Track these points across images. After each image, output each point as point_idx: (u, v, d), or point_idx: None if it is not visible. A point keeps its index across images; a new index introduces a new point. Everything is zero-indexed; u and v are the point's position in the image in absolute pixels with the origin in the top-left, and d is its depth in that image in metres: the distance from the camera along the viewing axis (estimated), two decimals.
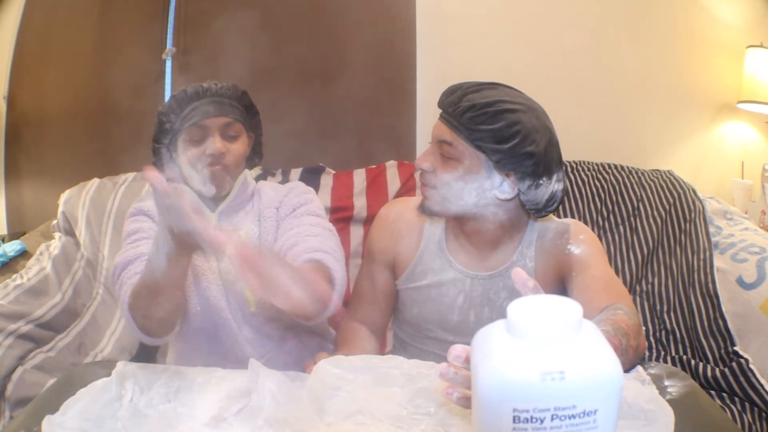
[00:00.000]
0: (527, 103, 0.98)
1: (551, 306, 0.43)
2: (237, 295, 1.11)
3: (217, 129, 1.10)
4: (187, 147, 1.10)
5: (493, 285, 1.06)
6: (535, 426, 0.40)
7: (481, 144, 0.94)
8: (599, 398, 0.41)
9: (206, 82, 1.12)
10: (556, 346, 0.41)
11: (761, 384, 1.26)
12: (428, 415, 0.71)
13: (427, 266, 1.08)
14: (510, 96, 0.97)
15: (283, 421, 0.69)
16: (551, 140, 0.97)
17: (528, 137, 0.93)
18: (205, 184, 1.11)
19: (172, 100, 1.10)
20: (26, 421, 0.70)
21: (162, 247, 0.83)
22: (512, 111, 0.94)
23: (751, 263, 1.48)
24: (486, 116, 0.93)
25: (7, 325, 1.39)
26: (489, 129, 0.93)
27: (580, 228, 1.06)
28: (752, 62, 1.99)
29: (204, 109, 1.09)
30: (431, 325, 1.10)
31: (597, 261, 1.00)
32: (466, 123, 0.94)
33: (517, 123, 0.93)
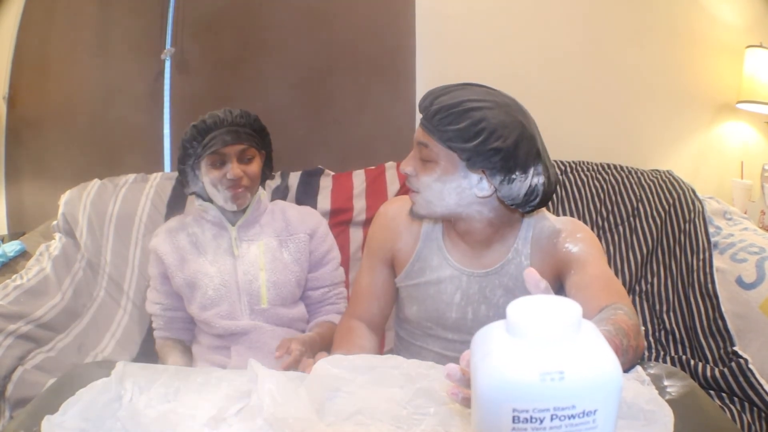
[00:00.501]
0: (497, 99, 0.96)
1: (551, 306, 0.43)
2: (253, 292, 1.32)
3: (235, 155, 1.29)
4: (209, 170, 1.30)
5: (489, 282, 1.06)
6: (534, 426, 0.40)
7: (452, 144, 0.95)
8: (599, 398, 0.41)
9: (221, 111, 1.29)
10: (555, 346, 0.41)
11: (760, 384, 1.26)
12: (428, 415, 0.71)
13: (425, 263, 1.10)
14: (477, 95, 0.96)
15: (282, 422, 0.69)
16: (523, 134, 0.95)
17: (494, 133, 0.93)
18: (227, 202, 1.32)
19: (194, 129, 1.28)
20: (26, 421, 0.70)
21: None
22: (477, 109, 0.94)
23: (750, 263, 1.48)
24: (452, 116, 0.94)
25: (7, 325, 1.39)
26: (456, 128, 0.94)
27: (578, 226, 1.06)
28: (752, 62, 1.99)
29: (222, 138, 1.26)
30: (430, 323, 1.11)
31: (595, 260, 0.99)
32: (437, 124, 0.95)
33: (481, 120, 0.93)
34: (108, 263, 1.72)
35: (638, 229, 1.77)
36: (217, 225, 1.37)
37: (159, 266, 1.36)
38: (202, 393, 0.77)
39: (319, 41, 2.06)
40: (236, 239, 1.35)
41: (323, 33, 2.06)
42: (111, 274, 1.71)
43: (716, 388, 1.33)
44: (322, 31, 2.06)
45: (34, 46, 2.09)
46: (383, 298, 1.17)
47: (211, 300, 1.30)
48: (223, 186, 1.30)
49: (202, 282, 1.31)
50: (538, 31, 2.09)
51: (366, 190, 1.87)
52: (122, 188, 1.84)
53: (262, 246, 1.35)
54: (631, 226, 1.78)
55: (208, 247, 1.35)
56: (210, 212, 1.36)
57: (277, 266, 1.34)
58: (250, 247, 1.35)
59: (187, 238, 1.36)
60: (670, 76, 2.11)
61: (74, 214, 1.78)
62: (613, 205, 1.82)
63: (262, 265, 1.33)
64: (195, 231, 1.37)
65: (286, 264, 1.35)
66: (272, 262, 1.34)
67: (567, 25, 2.08)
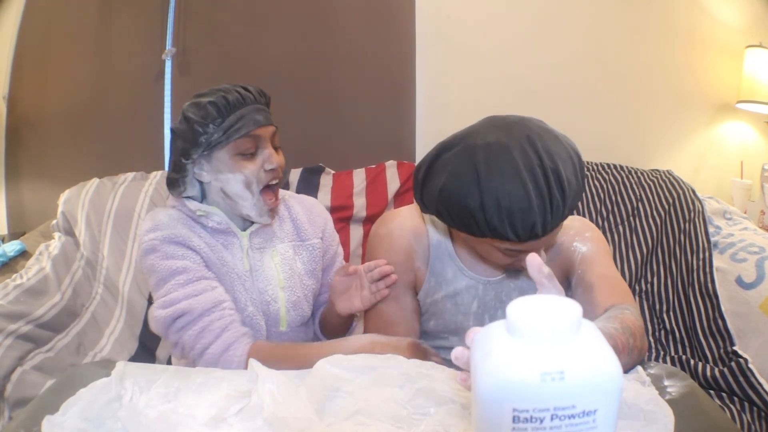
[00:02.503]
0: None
1: (551, 306, 0.43)
2: (271, 314, 1.09)
3: (269, 139, 1.03)
4: (238, 162, 1.00)
5: (504, 287, 1.04)
6: (534, 426, 0.40)
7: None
8: (599, 398, 0.41)
9: (232, 86, 1.03)
10: (555, 346, 0.41)
11: (760, 384, 1.26)
12: (428, 415, 0.71)
13: (440, 277, 1.04)
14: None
15: (282, 422, 0.69)
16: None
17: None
18: (261, 215, 1.04)
19: (211, 107, 0.98)
20: (26, 422, 0.70)
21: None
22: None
23: (750, 263, 1.48)
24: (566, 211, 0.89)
25: (6, 325, 1.39)
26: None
27: (586, 225, 1.04)
28: (751, 62, 1.99)
29: (253, 117, 1.00)
30: (447, 334, 1.08)
31: (603, 259, 0.99)
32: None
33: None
34: (105, 258, 1.72)
35: (638, 229, 1.77)
36: (223, 232, 1.07)
37: (194, 257, 1.01)
38: (202, 393, 0.77)
39: (321, 41, 2.06)
40: (248, 249, 1.08)
41: (325, 33, 2.06)
42: (108, 270, 1.71)
43: (716, 387, 1.33)
44: (324, 31, 2.06)
45: (35, 46, 2.09)
46: (416, 323, 1.06)
47: (249, 319, 1.06)
48: (262, 182, 1.02)
49: (240, 294, 1.06)
50: (538, 31, 2.09)
51: (366, 188, 1.88)
52: (121, 186, 1.85)
53: (276, 256, 1.11)
54: (631, 226, 1.78)
55: (219, 259, 1.05)
56: (214, 218, 1.05)
57: (295, 282, 1.12)
58: (263, 258, 1.10)
59: (198, 237, 1.04)
60: (670, 76, 2.11)
61: (73, 213, 1.78)
62: (613, 205, 1.82)
63: (281, 283, 1.10)
64: (200, 233, 1.05)
65: (301, 277, 1.13)
66: (290, 277, 1.11)
67: (567, 26, 2.09)
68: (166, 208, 1.07)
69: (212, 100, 0.99)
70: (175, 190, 1.05)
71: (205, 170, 1.03)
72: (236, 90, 1.01)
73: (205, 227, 1.06)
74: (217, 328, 0.96)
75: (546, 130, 0.86)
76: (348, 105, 2.08)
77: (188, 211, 1.05)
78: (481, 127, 0.88)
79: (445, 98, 2.12)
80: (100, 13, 2.06)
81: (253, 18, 2.05)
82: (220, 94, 1.00)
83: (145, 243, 1.01)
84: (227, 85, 1.03)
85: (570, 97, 2.11)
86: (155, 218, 1.04)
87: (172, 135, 1.04)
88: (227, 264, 1.05)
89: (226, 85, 1.03)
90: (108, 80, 2.07)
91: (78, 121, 2.09)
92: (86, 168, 1.97)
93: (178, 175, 1.03)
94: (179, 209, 1.06)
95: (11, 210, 2.15)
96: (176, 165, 1.03)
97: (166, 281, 0.99)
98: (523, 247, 0.87)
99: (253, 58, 2.07)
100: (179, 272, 0.99)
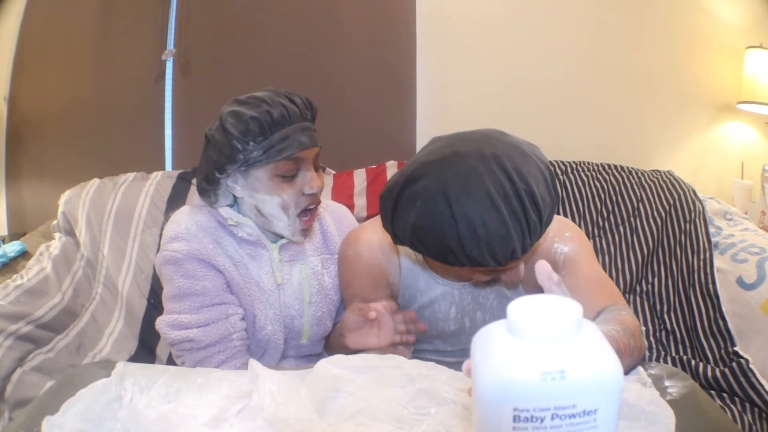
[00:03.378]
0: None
1: (551, 306, 0.43)
2: (294, 328, 1.06)
3: (312, 161, 0.98)
4: (277, 184, 0.95)
5: (481, 290, 1.04)
6: (535, 425, 0.40)
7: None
8: (599, 398, 0.41)
9: (278, 96, 0.96)
10: (556, 346, 0.41)
11: (761, 384, 1.26)
12: (429, 416, 0.71)
13: (414, 289, 1.04)
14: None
15: (283, 422, 0.69)
16: None
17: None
18: (295, 234, 1.00)
19: (253, 124, 0.92)
20: (26, 422, 0.70)
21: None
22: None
23: (751, 263, 1.48)
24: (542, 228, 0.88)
25: (7, 325, 1.39)
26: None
27: (565, 225, 1.01)
28: (752, 63, 1.99)
29: (298, 139, 0.94)
30: (430, 338, 1.09)
31: (587, 259, 0.96)
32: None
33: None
34: (105, 258, 1.72)
35: (639, 230, 1.77)
36: (253, 243, 1.03)
37: (216, 279, 0.98)
38: (202, 393, 0.77)
39: (321, 41, 2.06)
40: (278, 262, 1.04)
41: (325, 33, 2.06)
42: (108, 270, 1.71)
43: (717, 388, 1.33)
44: (324, 31, 2.06)
45: (35, 46, 2.09)
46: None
47: (268, 337, 1.03)
48: (300, 206, 0.97)
49: (261, 312, 1.02)
50: (538, 31, 2.09)
51: (367, 188, 1.88)
52: (122, 186, 1.85)
53: (304, 270, 1.07)
54: (632, 227, 1.78)
55: (251, 267, 1.02)
56: (246, 229, 1.01)
57: (322, 298, 1.08)
58: (291, 271, 1.06)
59: (232, 247, 1.01)
60: (671, 77, 2.11)
61: (74, 213, 1.78)
62: (613, 206, 1.82)
63: (308, 298, 1.06)
64: (226, 246, 1.01)
65: (327, 292, 1.10)
66: (318, 293, 1.08)
67: (567, 26, 2.09)
68: (195, 210, 1.03)
69: (255, 115, 0.92)
70: (206, 200, 1.01)
71: (239, 185, 0.98)
72: (282, 103, 0.94)
73: (234, 236, 1.01)
74: (217, 361, 0.96)
75: (512, 146, 0.82)
76: (348, 105, 2.08)
77: (219, 216, 1.01)
78: (445, 151, 0.82)
79: (446, 98, 2.11)
80: (100, 14, 2.06)
81: (253, 19, 2.05)
82: (265, 108, 0.93)
83: (167, 251, 0.97)
84: (271, 93, 0.96)
85: (571, 97, 2.11)
86: (182, 224, 0.99)
87: (206, 142, 0.98)
88: (252, 279, 1.02)
89: (269, 93, 0.96)
90: (109, 81, 2.07)
91: (78, 122, 2.10)
92: (87, 168, 1.98)
93: (210, 187, 0.98)
94: (210, 213, 1.02)
95: (12, 210, 2.15)
96: (209, 177, 0.97)
97: (182, 299, 0.97)
98: (504, 268, 0.86)
99: (253, 59, 2.07)
100: (197, 294, 0.96)
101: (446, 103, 2.11)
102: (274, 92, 0.97)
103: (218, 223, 1.02)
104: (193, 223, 1.00)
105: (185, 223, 1.00)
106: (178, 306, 0.97)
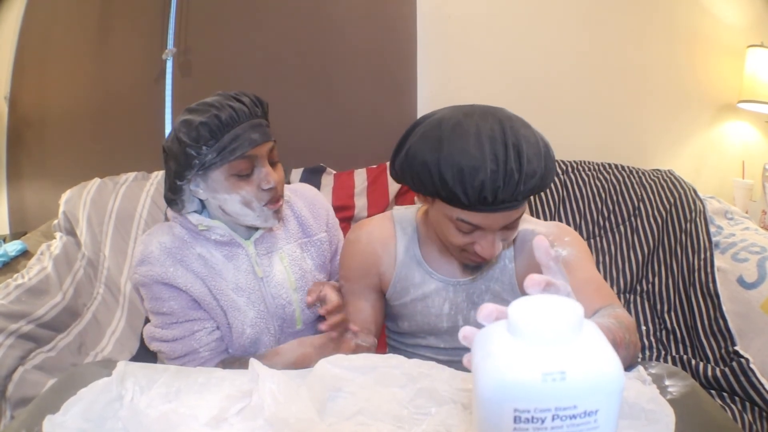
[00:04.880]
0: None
1: (552, 306, 0.43)
2: (287, 316, 1.10)
3: (266, 156, 1.00)
4: (234, 183, 0.98)
5: (476, 289, 1.05)
6: (536, 426, 0.40)
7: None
8: (600, 398, 0.41)
9: (226, 98, 0.99)
10: (557, 347, 0.41)
11: (762, 383, 1.26)
12: (429, 415, 0.71)
13: (408, 282, 1.07)
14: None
15: (283, 422, 0.69)
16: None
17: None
18: (267, 221, 1.03)
19: (203, 129, 0.94)
20: (27, 421, 0.70)
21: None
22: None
23: (751, 263, 1.48)
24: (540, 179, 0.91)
25: (8, 324, 1.39)
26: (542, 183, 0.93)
27: (564, 230, 1.04)
28: (753, 62, 1.99)
29: (248, 137, 0.96)
30: (423, 334, 1.10)
31: (584, 264, 0.99)
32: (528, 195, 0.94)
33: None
34: (107, 258, 1.72)
35: (639, 229, 1.77)
36: (227, 244, 1.06)
37: (180, 298, 1.03)
38: (203, 393, 0.77)
39: (322, 41, 2.06)
40: (256, 256, 1.08)
41: (326, 33, 2.06)
42: (110, 270, 1.71)
43: (717, 387, 1.33)
44: (325, 30, 2.06)
45: (36, 46, 2.09)
46: (374, 322, 1.10)
47: (250, 339, 1.06)
48: (261, 200, 1.00)
49: (236, 320, 1.05)
50: (538, 31, 2.09)
51: (367, 189, 1.88)
52: (122, 186, 1.85)
53: (285, 259, 1.11)
54: (632, 226, 1.78)
55: (225, 272, 1.05)
56: (217, 231, 1.04)
57: (307, 280, 1.13)
58: (271, 261, 1.10)
59: (198, 261, 1.04)
60: (672, 76, 2.11)
61: (75, 213, 1.79)
62: (614, 205, 1.82)
63: (293, 284, 1.10)
64: (200, 252, 1.05)
65: (312, 274, 1.14)
66: (301, 278, 1.12)
67: (568, 26, 2.08)
68: (162, 229, 1.07)
69: (204, 120, 0.94)
70: (174, 208, 1.04)
71: (201, 188, 1.01)
72: (229, 105, 0.97)
73: (209, 240, 1.05)
74: (191, 366, 1.03)
75: (519, 119, 0.89)
76: (349, 105, 2.08)
77: (189, 224, 1.04)
78: (455, 109, 0.92)
79: (446, 98, 2.10)
80: (101, 14, 2.07)
81: (254, 18, 2.05)
82: (213, 112, 0.95)
83: (136, 275, 1.03)
84: (220, 97, 0.99)
85: (571, 97, 2.11)
86: (148, 247, 1.03)
87: (164, 154, 1.01)
88: (226, 287, 1.05)
89: (218, 97, 0.99)
90: (109, 80, 2.07)
91: (79, 121, 2.10)
92: (87, 168, 1.98)
93: (175, 195, 1.02)
94: (180, 224, 1.05)
95: (13, 210, 2.15)
96: (171, 186, 1.01)
97: (154, 317, 1.05)
98: (474, 219, 0.88)
99: (254, 58, 2.07)
100: (164, 314, 1.03)
101: (446, 102, 2.07)
102: (222, 95, 1.00)
103: (191, 233, 1.05)
104: (157, 246, 1.03)
105: (150, 246, 1.04)
106: (153, 321, 1.06)
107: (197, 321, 1.04)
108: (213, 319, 1.06)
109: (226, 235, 1.05)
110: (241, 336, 1.06)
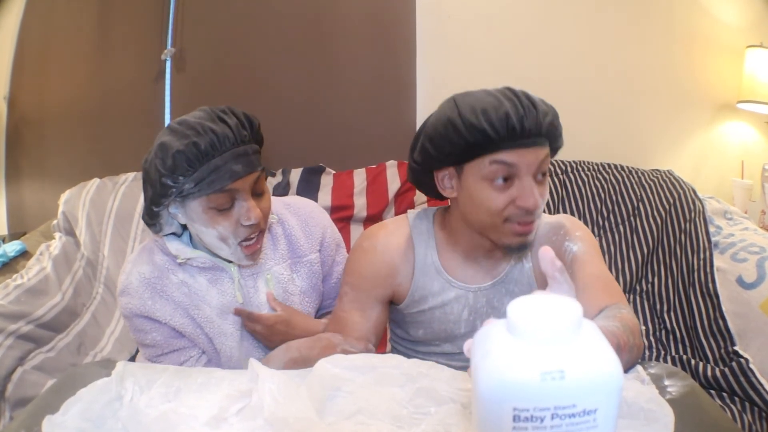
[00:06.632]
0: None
1: (551, 305, 0.43)
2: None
3: (249, 189, 0.92)
4: (212, 216, 0.91)
5: (496, 293, 1.03)
6: (535, 425, 0.41)
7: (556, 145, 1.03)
8: (599, 397, 0.41)
9: (210, 119, 0.90)
10: (556, 346, 0.41)
11: (761, 384, 1.26)
12: (428, 415, 0.71)
13: (426, 291, 1.03)
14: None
15: (283, 421, 0.69)
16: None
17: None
18: (240, 260, 0.97)
19: (180, 158, 0.86)
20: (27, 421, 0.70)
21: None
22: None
23: (751, 263, 1.48)
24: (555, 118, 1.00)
25: (7, 325, 1.39)
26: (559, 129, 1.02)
27: (575, 224, 1.03)
28: (752, 62, 1.99)
29: (229, 168, 0.88)
30: (438, 341, 1.07)
31: (594, 259, 0.98)
32: (554, 132, 1.01)
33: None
34: (106, 258, 1.72)
35: (639, 229, 1.77)
36: (210, 269, 1.02)
37: (162, 330, 1.01)
38: (202, 392, 0.77)
39: (320, 41, 2.06)
40: (239, 280, 1.04)
41: (324, 33, 2.06)
42: (109, 270, 1.71)
43: (717, 387, 1.33)
44: (324, 31, 2.06)
45: (35, 46, 2.09)
46: (375, 334, 1.06)
47: (238, 361, 1.04)
48: (239, 236, 0.93)
49: (224, 345, 1.03)
50: (538, 31, 2.09)
51: (367, 188, 1.88)
52: (122, 186, 1.85)
53: (271, 281, 1.06)
54: (632, 226, 1.78)
55: (209, 297, 1.02)
56: (198, 260, 1.00)
57: (294, 302, 1.09)
58: (256, 284, 1.05)
59: (179, 290, 1.00)
60: (671, 76, 2.11)
61: (74, 213, 1.79)
62: (613, 205, 1.82)
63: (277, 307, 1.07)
64: (183, 278, 1.01)
65: (300, 296, 1.10)
66: (285, 300, 1.08)
67: (567, 26, 2.08)
68: (142, 257, 1.02)
69: (181, 149, 0.86)
70: (152, 229, 0.98)
71: (180, 213, 0.94)
72: (212, 129, 0.88)
73: (192, 264, 1.01)
74: None
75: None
76: (348, 105, 2.08)
77: (170, 253, 1.00)
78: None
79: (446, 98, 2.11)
80: (100, 14, 2.07)
81: (252, 18, 2.05)
82: (191, 139, 0.87)
83: (120, 305, 1.02)
84: (204, 116, 0.91)
85: (570, 97, 2.11)
86: (128, 278, 1.00)
87: (143, 173, 0.94)
88: (212, 308, 1.02)
89: (202, 116, 0.90)
90: (108, 80, 2.07)
91: (78, 121, 2.10)
92: (87, 168, 1.98)
93: (153, 220, 0.96)
94: (161, 249, 1.01)
95: (12, 210, 2.15)
96: (149, 210, 0.94)
97: (142, 348, 1.06)
98: (508, 158, 0.89)
99: (252, 58, 2.07)
100: (149, 346, 1.03)
101: None
102: (207, 113, 0.92)
103: (172, 259, 1.01)
104: (136, 276, 1.00)
105: (130, 277, 1.01)
106: (141, 352, 1.06)
107: (183, 350, 1.04)
108: (198, 346, 1.05)
109: (208, 261, 1.00)
110: (230, 359, 1.04)
